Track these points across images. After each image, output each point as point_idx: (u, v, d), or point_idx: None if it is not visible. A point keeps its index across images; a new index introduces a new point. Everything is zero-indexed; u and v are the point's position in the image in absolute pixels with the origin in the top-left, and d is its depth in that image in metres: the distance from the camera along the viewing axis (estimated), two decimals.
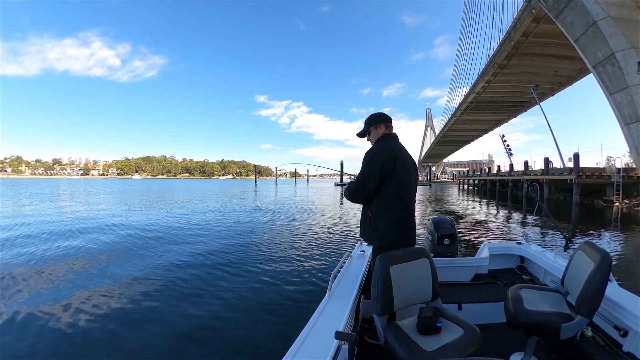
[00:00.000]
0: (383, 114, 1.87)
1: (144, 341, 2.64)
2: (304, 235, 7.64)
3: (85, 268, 4.75)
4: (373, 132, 1.86)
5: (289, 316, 3.12)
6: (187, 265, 4.85)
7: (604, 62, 6.72)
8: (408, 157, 1.77)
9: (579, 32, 7.10)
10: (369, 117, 1.89)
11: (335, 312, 1.44)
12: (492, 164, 66.30)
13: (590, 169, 17.34)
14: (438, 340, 1.30)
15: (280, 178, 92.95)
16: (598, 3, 6.63)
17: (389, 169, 1.63)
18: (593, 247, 1.54)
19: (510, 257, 2.90)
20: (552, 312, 1.50)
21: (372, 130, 1.87)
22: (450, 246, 2.72)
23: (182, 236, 7.34)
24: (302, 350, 1.13)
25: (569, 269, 1.71)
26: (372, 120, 1.87)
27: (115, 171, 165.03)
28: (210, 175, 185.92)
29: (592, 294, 1.38)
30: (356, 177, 1.79)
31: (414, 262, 1.52)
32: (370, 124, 1.87)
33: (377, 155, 1.67)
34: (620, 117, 6.85)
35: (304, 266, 4.84)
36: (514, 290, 1.73)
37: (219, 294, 3.71)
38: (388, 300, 1.41)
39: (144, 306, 3.32)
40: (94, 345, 2.59)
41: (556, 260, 2.36)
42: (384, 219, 1.68)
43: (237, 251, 5.83)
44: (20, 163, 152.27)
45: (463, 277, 2.58)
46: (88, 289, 3.84)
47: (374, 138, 1.84)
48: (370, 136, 1.89)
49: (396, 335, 1.34)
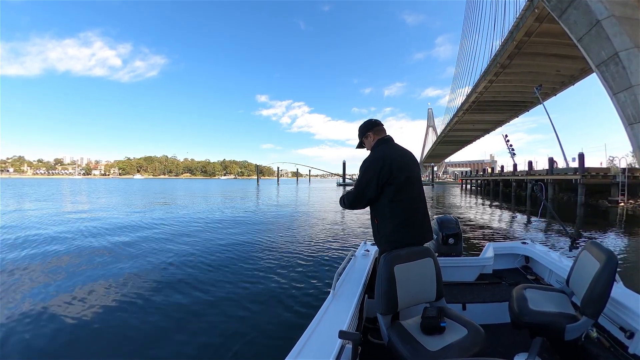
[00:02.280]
0: (368, 121, 1.89)
1: (145, 339, 2.65)
2: (309, 234, 7.65)
3: (88, 268, 4.78)
4: (366, 142, 1.90)
5: (293, 315, 3.13)
6: (191, 265, 4.86)
7: (608, 61, 6.69)
8: (405, 155, 1.76)
9: (583, 31, 7.07)
10: (358, 129, 1.93)
11: (339, 311, 1.44)
12: (494, 164, 66.06)
13: (595, 169, 17.27)
14: (442, 340, 1.29)
15: (282, 178, 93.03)
16: (602, 2, 6.59)
17: (386, 176, 1.63)
18: (599, 247, 1.52)
19: (515, 256, 2.88)
20: (557, 312, 1.49)
21: (365, 141, 1.91)
22: (454, 246, 2.68)
23: (185, 236, 7.36)
24: (306, 349, 1.13)
25: (574, 269, 1.70)
26: (360, 132, 1.92)
27: (117, 171, 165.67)
28: (212, 175, 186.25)
29: (597, 294, 1.36)
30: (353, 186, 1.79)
31: (418, 262, 1.51)
32: (360, 136, 1.93)
33: (372, 164, 1.67)
34: (624, 116, 6.81)
35: (308, 265, 4.85)
36: (518, 291, 1.71)
37: (222, 292, 3.71)
38: (392, 299, 1.41)
39: (145, 304, 3.33)
40: (100, 343, 2.60)
41: (561, 261, 2.34)
42: (388, 225, 1.68)
43: (241, 250, 5.84)
44: (22, 163, 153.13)
45: (467, 277, 2.57)
46: (93, 287, 3.86)
47: (369, 146, 1.87)
48: (366, 146, 1.92)
49: (400, 335, 1.34)
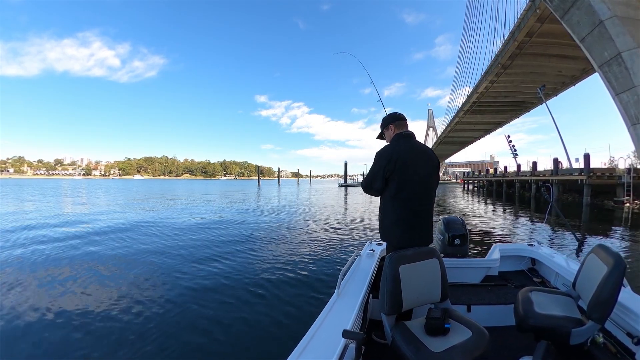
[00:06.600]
0: (392, 114, 1.92)
1: (145, 340, 2.62)
2: (314, 234, 7.65)
3: (99, 272, 4.76)
4: (386, 134, 1.94)
5: (298, 314, 3.13)
6: (196, 264, 4.86)
7: (610, 62, 6.65)
8: (420, 155, 1.75)
9: (585, 31, 7.03)
10: (382, 120, 1.97)
11: (343, 310, 1.44)
12: (496, 164, 65.91)
13: (601, 169, 17.23)
14: (446, 342, 1.29)
15: (282, 179, 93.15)
16: (604, 2, 6.55)
17: (390, 171, 1.68)
18: (606, 251, 1.50)
19: (521, 259, 2.85)
20: (563, 316, 1.47)
21: (385, 132, 1.94)
22: (460, 247, 2.66)
23: (188, 236, 7.36)
24: (310, 348, 1.13)
25: (581, 273, 1.67)
26: (382, 123, 1.96)
27: (117, 172, 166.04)
28: (212, 175, 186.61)
29: (604, 299, 1.34)
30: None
31: (423, 262, 1.50)
32: (382, 127, 1.97)
33: (380, 158, 1.73)
34: (627, 117, 6.76)
35: (313, 264, 4.85)
36: (524, 293, 1.70)
37: (227, 290, 3.72)
38: (396, 299, 1.40)
39: (149, 304, 3.31)
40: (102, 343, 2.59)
41: (568, 263, 2.31)
42: (388, 220, 1.76)
43: (246, 250, 5.83)
44: (22, 163, 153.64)
45: (473, 279, 2.55)
46: (103, 291, 3.85)
47: (389, 138, 1.91)
48: (385, 137, 1.96)
49: (404, 335, 1.33)
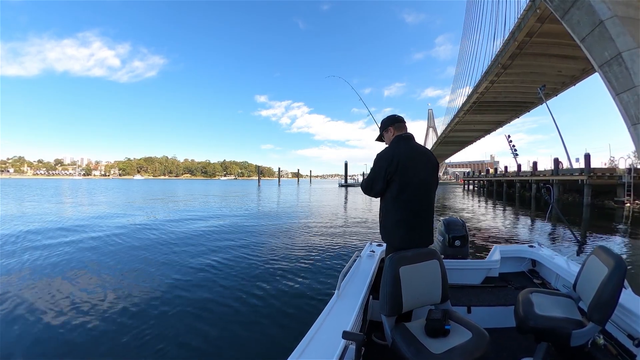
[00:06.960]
0: (391, 116, 1.92)
1: (146, 340, 2.63)
2: (314, 234, 7.65)
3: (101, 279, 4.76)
4: (385, 136, 1.94)
5: (297, 315, 3.12)
6: (196, 265, 4.86)
7: (611, 62, 6.64)
8: (419, 157, 1.76)
9: (585, 31, 7.03)
10: (381, 122, 1.98)
11: (343, 311, 1.44)
12: (497, 164, 65.91)
13: (601, 169, 17.22)
14: (446, 343, 1.28)
15: (282, 179, 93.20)
16: (605, 2, 6.55)
17: (391, 173, 1.69)
18: (607, 252, 1.49)
19: (522, 260, 2.85)
20: (563, 318, 1.46)
21: (385, 134, 1.94)
22: (461, 248, 2.67)
23: (188, 237, 7.38)
24: (309, 349, 1.13)
25: (581, 274, 1.67)
26: (381, 125, 1.96)
27: (117, 172, 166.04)
28: (212, 175, 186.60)
29: (605, 300, 1.33)
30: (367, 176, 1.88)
31: (424, 264, 1.50)
32: (381, 129, 1.97)
33: (381, 160, 1.74)
34: (627, 117, 6.76)
35: (313, 265, 4.85)
36: (524, 295, 1.69)
37: (227, 291, 3.72)
38: (397, 301, 1.40)
39: (148, 305, 3.31)
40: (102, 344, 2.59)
41: (568, 265, 2.31)
42: (388, 221, 1.76)
43: (245, 251, 5.84)
44: (22, 163, 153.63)
45: (473, 280, 2.54)
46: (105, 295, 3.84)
47: (388, 140, 1.91)
48: (385, 139, 1.96)
49: (404, 336, 1.33)
